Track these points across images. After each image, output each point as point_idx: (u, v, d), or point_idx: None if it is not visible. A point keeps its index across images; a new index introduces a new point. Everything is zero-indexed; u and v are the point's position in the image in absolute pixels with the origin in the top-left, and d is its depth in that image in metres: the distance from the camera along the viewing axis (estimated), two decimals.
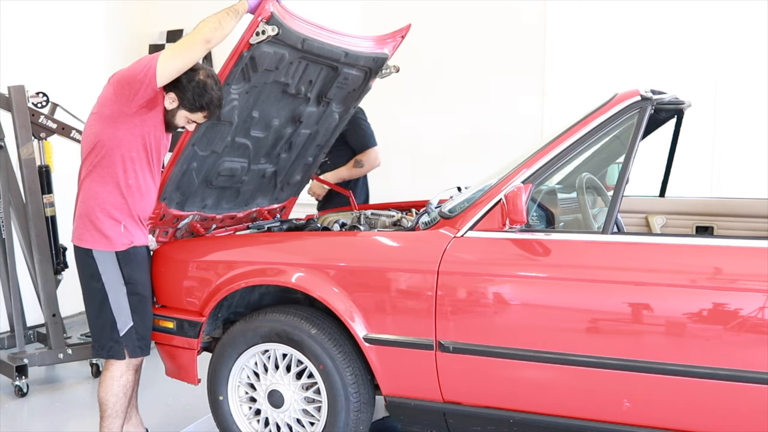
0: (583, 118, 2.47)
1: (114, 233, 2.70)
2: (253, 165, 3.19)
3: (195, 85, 2.60)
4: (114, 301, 2.72)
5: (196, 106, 2.63)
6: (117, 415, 2.79)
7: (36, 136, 3.92)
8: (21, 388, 3.79)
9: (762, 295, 2.12)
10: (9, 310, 4.12)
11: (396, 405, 2.58)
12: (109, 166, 2.66)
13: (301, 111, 3.15)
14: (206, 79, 2.61)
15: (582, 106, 2.95)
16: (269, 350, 2.74)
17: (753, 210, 3.30)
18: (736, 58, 4.17)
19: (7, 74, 4.34)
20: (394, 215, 3.43)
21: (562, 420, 2.36)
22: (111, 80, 2.66)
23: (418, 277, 2.48)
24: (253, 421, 2.83)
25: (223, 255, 2.87)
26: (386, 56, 3.31)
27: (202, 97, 2.61)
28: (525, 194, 2.31)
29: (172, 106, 2.66)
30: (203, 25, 2.56)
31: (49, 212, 3.94)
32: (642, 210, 3.50)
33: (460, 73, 3.88)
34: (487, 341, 2.40)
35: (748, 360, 2.12)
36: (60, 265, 4.00)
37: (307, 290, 2.62)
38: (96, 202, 2.68)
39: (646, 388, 2.23)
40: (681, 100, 2.91)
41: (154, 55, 2.59)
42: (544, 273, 2.37)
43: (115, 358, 2.78)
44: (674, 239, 2.38)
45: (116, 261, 2.72)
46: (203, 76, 2.61)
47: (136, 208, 2.73)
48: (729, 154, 4.23)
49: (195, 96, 2.61)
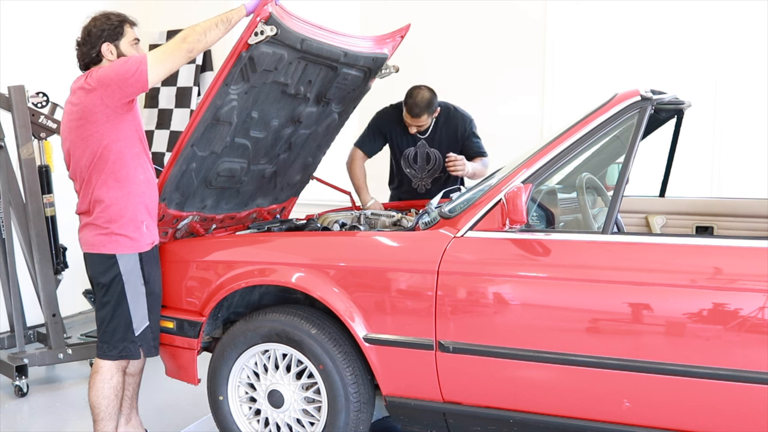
0: (583, 118, 2.47)
1: (138, 234, 2.72)
2: (252, 165, 3.19)
3: (102, 23, 2.73)
4: (132, 302, 2.72)
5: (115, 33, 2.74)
6: (111, 418, 2.79)
7: (36, 136, 3.92)
8: (21, 388, 3.79)
9: (762, 295, 2.12)
10: (9, 310, 4.12)
11: (396, 405, 2.58)
12: (122, 168, 2.68)
13: (300, 111, 3.15)
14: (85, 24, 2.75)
15: (582, 105, 2.96)
16: (269, 350, 2.74)
17: (753, 210, 3.30)
18: (736, 58, 4.16)
19: (7, 74, 4.34)
20: (394, 215, 3.43)
21: (562, 420, 2.36)
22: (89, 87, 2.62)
23: (418, 277, 2.48)
24: (253, 421, 2.83)
25: (223, 255, 2.87)
26: (386, 56, 3.31)
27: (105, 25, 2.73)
28: (525, 194, 2.31)
29: (113, 55, 2.73)
30: (190, 33, 2.61)
31: (49, 212, 3.94)
32: (642, 210, 3.50)
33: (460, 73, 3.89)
34: (487, 341, 2.40)
35: (748, 360, 2.12)
36: (60, 265, 3.99)
37: (307, 290, 2.62)
38: (117, 208, 2.68)
39: (646, 388, 2.23)
40: (681, 100, 2.91)
41: (138, 58, 2.62)
42: (544, 273, 2.37)
43: (128, 359, 2.79)
44: (674, 239, 2.38)
45: (138, 261, 2.74)
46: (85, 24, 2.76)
47: (151, 203, 2.78)
48: (729, 154, 4.22)
49: (109, 29, 2.72)
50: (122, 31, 2.75)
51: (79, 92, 2.65)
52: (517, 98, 4.62)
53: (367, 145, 3.84)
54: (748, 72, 4.13)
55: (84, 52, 2.75)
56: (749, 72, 4.13)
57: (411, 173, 3.84)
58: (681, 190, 3.81)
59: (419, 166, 3.80)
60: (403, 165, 3.83)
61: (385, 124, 3.82)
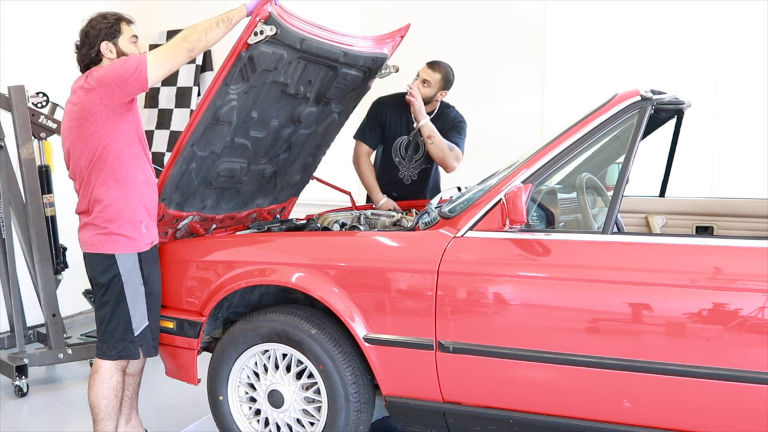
0: (583, 118, 2.47)
1: (137, 234, 2.72)
2: (252, 165, 3.19)
3: (98, 23, 2.74)
4: (131, 302, 2.72)
5: (112, 31, 2.75)
6: (110, 418, 2.80)
7: (36, 136, 3.92)
8: (21, 388, 3.79)
9: (762, 295, 2.12)
10: (9, 310, 4.12)
11: (396, 405, 2.58)
12: (121, 167, 2.68)
13: (300, 111, 3.15)
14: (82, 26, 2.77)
15: (582, 105, 2.96)
16: (269, 350, 2.74)
17: (753, 210, 3.30)
18: (736, 58, 4.16)
19: (7, 74, 4.34)
20: (394, 215, 3.43)
21: (562, 420, 2.36)
22: (89, 86, 2.62)
23: (418, 277, 2.48)
24: (253, 421, 2.83)
25: (223, 255, 2.87)
26: (385, 56, 3.31)
27: (101, 25, 2.74)
28: (525, 194, 2.31)
29: (112, 53, 2.74)
30: (190, 32, 2.61)
31: (49, 212, 3.94)
32: (642, 210, 3.50)
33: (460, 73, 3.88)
34: (487, 341, 2.40)
35: (748, 360, 2.12)
36: (60, 265, 3.99)
37: (307, 290, 2.62)
38: (116, 207, 2.68)
39: (646, 388, 2.23)
40: (681, 100, 2.91)
41: (138, 57, 2.62)
42: (544, 273, 2.37)
43: (127, 359, 2.79)
44: (674, 239, 2.38)
45: (137, 261, 2.73)
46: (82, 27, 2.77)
47: (150, 203, 2.77)
48: (729, 154, 4.22)
49: (106, 28, 2.73)
50: (119, 29, 2.76)
51: (79, 92, 2.65)
52: (517, 98, 4.61)
53: (368, 137, 3.82)
54: (748, 72, 4.13)
55: (83, 53, 2.75)
56: (749, 72, 4.12)
57: (399, 162, 3.83)
58: (681, 190, 3.81)
59: (408, 156, 3.81)
60: (393, 154, 3.82)
61: (381, 111, 3.81)
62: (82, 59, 2.76)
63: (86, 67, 2.76)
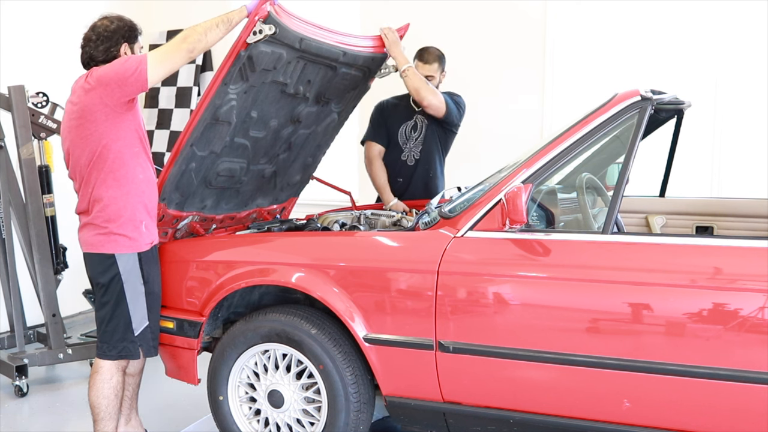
0: (583, 118, 2.47)
1: (137, 234, 2.72)
2: (252, 165, 3.19)
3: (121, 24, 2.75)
4: (131, 302, 2.72)
5: (133, 35, 2.77)
6: (111, 417, 2.79)
7: (36, 136, 3.92)
8: (21, 388, 3.79)
9: (762, 295, 2.12)
10: (9, 310, 4.12)
11: (396, 405, 2.58)
12: (121, 167, 2.68)
13: (299, 111, 3.15)
14: (100, 22, 2.75)
15: (582, 105, 2.96)
16: (269, 350, 2.74)
17: (753, 210, 3.30)
18: (736, 58, 4.16)
19: (7, 74, 4.34)
20: (394, 215, 3.43)
21: (562, 420, 2.36)
22: (89, 86, 2.62)
23: (418, 277, 2.48)
24: (253, 421, 2.83)
25: (223, 255, 2.87)
26: (385, 56, 3.31)
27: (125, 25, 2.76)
28: (525, 194, 2.30)
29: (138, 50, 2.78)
30: (190, 33, 2.61)
31: (49, 212, 3.94)
32: (642, 210, 3.50)
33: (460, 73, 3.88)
34: (487, 341, 2.40)
35: (748, 360, 2.12)
36: (60, 265, 3.99)
37: (307, 290, 2.62)
38: (116, 207, 2.68)
39: (646, 388, 2.23)
40: (681, 100, 2.91)
41: (138, 57, 2.62)
42: (544, 273, 2.37)
43: (127, 359, 2.79)
44: (674, 239, 2.38)
45: (137, 261, 2.73)
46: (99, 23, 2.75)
47: (150, 202, 2.77)
48: (729, 154, 4.22)
49: (130, 30, 2.76)
50: (137, 36, 2.77)
51: (79, 91, 2.65)
52: (517, 98, 4.61)
53: (377, 135, 3.83)
54: (748, 72, 4.13)
55: (102, 48, 2.70)
56: (749, 72, 4.12)
57: (404, 144, 3.83)
58: (681, 190, 3.81)
59: (412, 137, 3.81)
60: (399, 139, 3.82)
61: (383, 111, 3.84)
62: (96, 55, 2.71)
63: (87, 63, 2.74)
